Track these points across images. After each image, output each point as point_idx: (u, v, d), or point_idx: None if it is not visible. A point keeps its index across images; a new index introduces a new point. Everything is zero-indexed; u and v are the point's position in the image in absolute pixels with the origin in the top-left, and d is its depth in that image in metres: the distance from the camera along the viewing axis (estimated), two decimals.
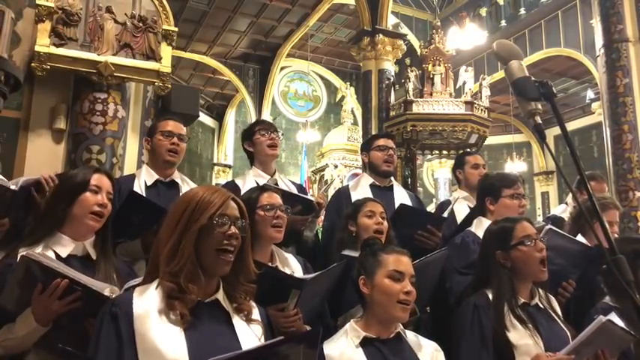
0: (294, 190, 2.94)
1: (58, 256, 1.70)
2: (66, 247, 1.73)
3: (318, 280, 1.93)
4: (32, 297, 1.54)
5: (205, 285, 1.33)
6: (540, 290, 2.02)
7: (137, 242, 2.20)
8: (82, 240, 1.77)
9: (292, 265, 2.14)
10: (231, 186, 2.81)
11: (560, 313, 2.02)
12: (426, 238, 2.68)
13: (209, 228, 1.32)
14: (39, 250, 1.67)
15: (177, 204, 1.39)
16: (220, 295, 1.36)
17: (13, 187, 1.99)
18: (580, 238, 2.60)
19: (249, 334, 1.35)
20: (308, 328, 1.95)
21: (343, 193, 3.10)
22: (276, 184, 2.87)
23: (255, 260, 1.93)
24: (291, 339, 1.32)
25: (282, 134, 3.05)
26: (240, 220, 1.37)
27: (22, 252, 1.61)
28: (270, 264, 2.05)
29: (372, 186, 3.07)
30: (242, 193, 2.35)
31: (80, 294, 1.53)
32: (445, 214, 3.01)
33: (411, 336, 1.77)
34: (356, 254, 2.01)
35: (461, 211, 3.10)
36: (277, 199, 2.17)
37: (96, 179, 1.82)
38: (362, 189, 3.05)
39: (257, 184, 2.74)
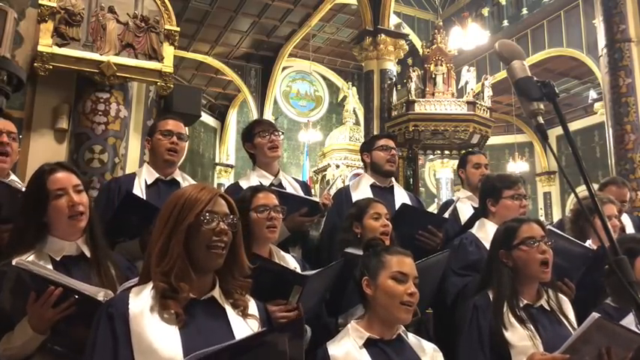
0: (299, 188, 2.94)
1: (52, 259, 1.67)
2: (59, 249, 1.69)
3: (319, 278, 1.93)
4: (27, 306, 1.52)
5: (199, 282, 1.33)
6: (550, 292, 2.00)
7: (136, 242, 2.20)
8: (74, 239, 1.73)
9: (291, 265, 2.14)
10: (235, 188, 2.80)
11: (571, 316, 1.98)
12: (427, 238, 2.68)
13: (197, 226, 1.31)
14: (32, 256, 1.64)
15: (166, 204, 1.38)
16: (216, 293, 1.36)
17: (24, 189, 1.99)
18: (588, 242, 2.59)
19: (245, 330, 1.35)
20: (308, 327, 1.94)
21: (344, 193, 3.09)
22: (280, 184, 2.87)
23: (260, 255, 1.94)
24: (273, 329, 1.34)
25: (283, 133, 3.03)
26: (229, 217, 1.36)
27: (15, 259, 1.58)
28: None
29: (372, 186, 3.06)
30: None
31: (74, 300, 1.51)
32: (447, 214, 3.01)
33: (411, 337, 1.78)
34: (359, 252, 2.01)
35: (464, 210, 3.10)
36: (272, 199, 2.17)
37: (54, 182, 1.71)
38: (363, 189, 3.04)
39: (261, 184, 2.73)
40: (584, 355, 1.63)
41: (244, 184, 2.80)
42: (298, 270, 2.09)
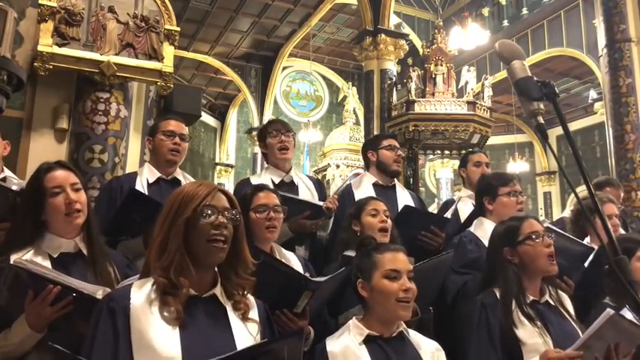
0: (312, 186, 2.96)
1: (50, 256, 1.67)
2: (56, 246, 1.69)
3: (328, 284, 1.93)
4: (24, 304, 1.52)
5: (200, 278, 1.32)
6: (550, 287, 2.01)
7: (139, 239, 2.20)
8: (71, 236, 1.73)
9: (293, 264, 2.14)
10: (246, 183, 2.81)
11: (571, 310, 2.00)
12: (429, 238, 2.68)
13: (195, 220, 1.31)
14: (29, 254, 1.64)
15: (167, 201, 1.39)
16: (218, 291, 1.35)
17: (15, 187, 1.99)
18: (586, 241, 2.60)
19: (245, 333, 1.34)
20: (311, 329, 1.94)
21: (346, 192, 3.09)
22: (292, 181, 2.89)
23: (264, 251, 1.94)
24: (275, 340, 1.34)
25: (294, 134, 3.01)
26: (229, 211, 1.35)
27: (13, 257, 1.58)
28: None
29: (374, 185, 3.07)
30: None
31: (72, 299, 1.51)
32: (449, 214, 3.01)
33: (413, 335, 1.76)
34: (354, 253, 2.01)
35: (465, 210, 3.09)
36: (272, 198, 2.17)
37: (51, 180, 1.71)
38: (365, 188, 3.04)
39: (272, 182, 2.75)
40: (594, 351, 1.64)
41: (255, 180, 2.81)
42: (300, 270, 2.08)
